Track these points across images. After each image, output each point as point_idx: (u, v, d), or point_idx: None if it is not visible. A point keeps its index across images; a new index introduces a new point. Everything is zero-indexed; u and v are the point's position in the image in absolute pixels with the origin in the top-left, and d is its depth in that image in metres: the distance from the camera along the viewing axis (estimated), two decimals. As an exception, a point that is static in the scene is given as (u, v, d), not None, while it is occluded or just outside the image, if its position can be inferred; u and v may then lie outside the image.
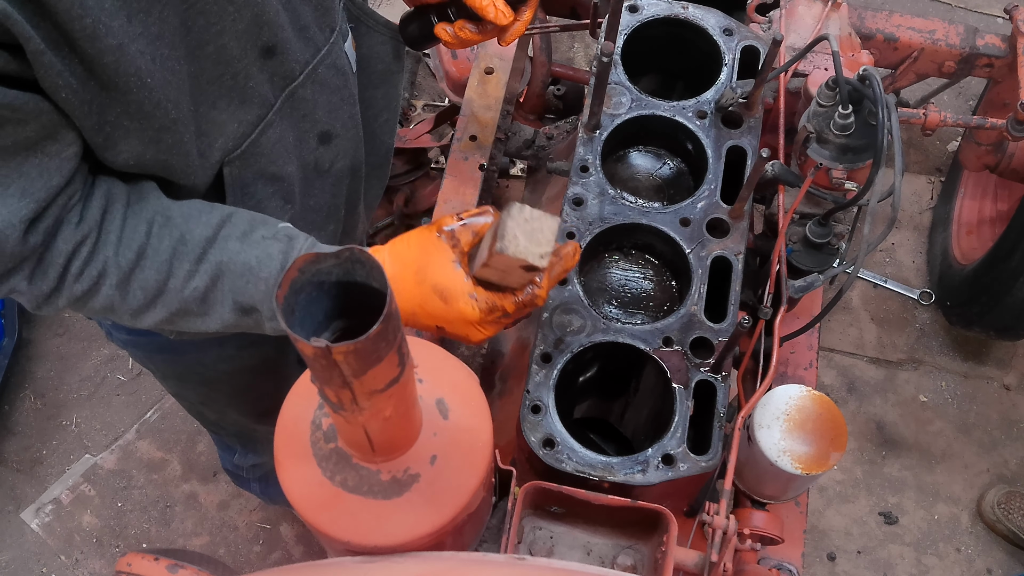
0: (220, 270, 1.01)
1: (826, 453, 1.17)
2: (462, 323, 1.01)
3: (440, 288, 1.00)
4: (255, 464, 1.99)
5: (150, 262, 1.00)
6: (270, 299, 1.02)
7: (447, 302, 1.00)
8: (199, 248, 1.01)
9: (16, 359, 2.54)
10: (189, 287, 1.01)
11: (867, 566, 2.37)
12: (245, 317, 1.04)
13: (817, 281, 1.32)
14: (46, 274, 0.97)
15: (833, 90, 1.25)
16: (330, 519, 0.91)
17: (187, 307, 1.03)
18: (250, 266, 1.01)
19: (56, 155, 0.91)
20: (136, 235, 0.99)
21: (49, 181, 0.92)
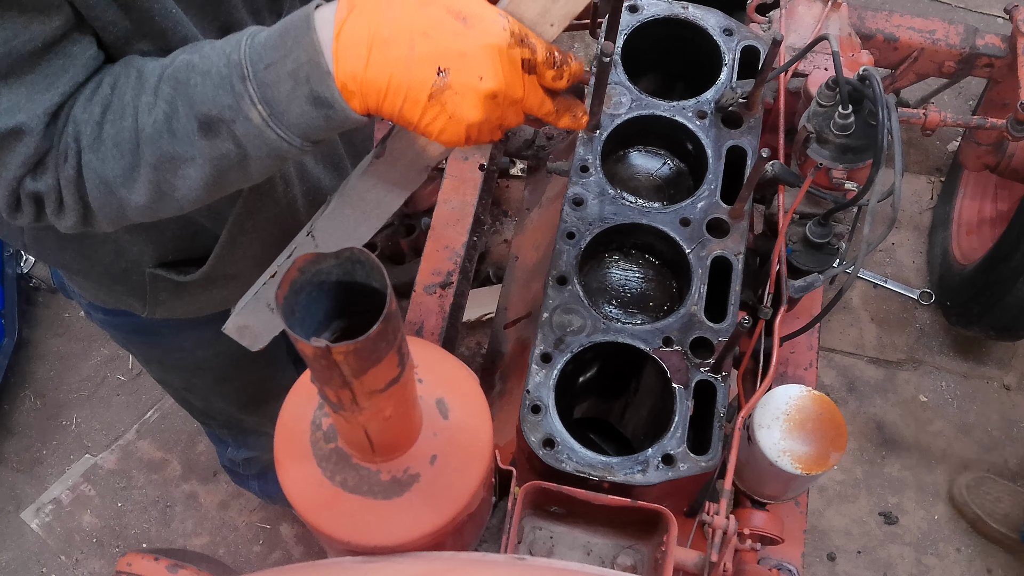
0: (173, 87, 0.87)
1: (826, 453, 1.17)
2: (483, 51, 0.79)
3: (457, 8, 0.79)
4: (248, 458, 1.98)
5: (116, 110, 0.89)
6: (224, 94, 0.84)
7: (467, 21, 0.79)
8: (155, 77, 0.88)
9: (16, 359, 2.54)
10: (150, 120, 0.88)
11: (867, 566, 2.37)
12: (216, 138, 0.87)
13: (817, 281, 1.32)
14: (46, 164, 0.91)
15: (833, 90, 1.25)
16: (330, 519, 0.91)
17: (162, 150, 0.89)
18: (193, 64, 0.86)
19: (80, 54, 0.89)
20: (101, 90, 0.90)
21: (75, 76, 0.89)
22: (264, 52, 0.83)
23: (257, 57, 0.83)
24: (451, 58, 0.79)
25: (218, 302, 1.34)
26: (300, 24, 0.82)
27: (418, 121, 0.83)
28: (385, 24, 0.79)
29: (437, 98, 0.80)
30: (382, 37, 0.79)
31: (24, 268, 2.58)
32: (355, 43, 0.80)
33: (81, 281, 1.33)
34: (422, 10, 0.79)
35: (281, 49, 0.82)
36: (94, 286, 1.33)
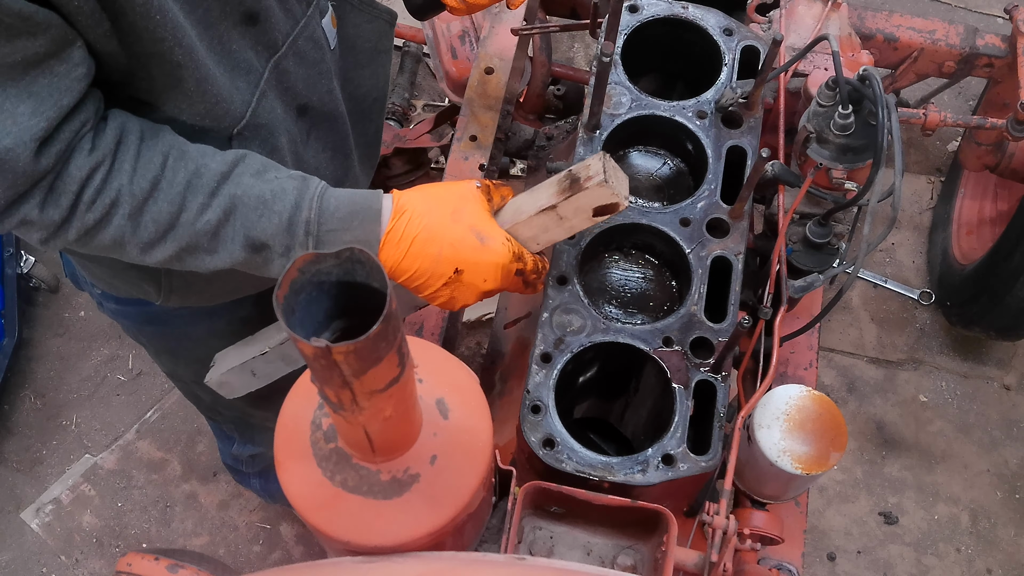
0: (233, 204, 1.01)
1: (826, 453, 1.17)
2: (489, 264, 1.07)
3: (478, 229, 1.07)
4: (254, 455, 1.98)
5: (164, 193, 1.00)
6: (282, 234, 1.03)
7: (483, 241, 1.06)
8: (213, 182, 1.01)
9: (16, 359, 2.54)
10: (201, 220, 1.01)
11: (867, 566, 2.37)
12: (255, 255, 1.05)
13: (817, 281, 1.32)
14: (58, 202, 0.97)
15: (833, 90, 1.25)
16: (330, 519, 0.91)
17: (197, 242, 1.03)
18: (264, 199, 1.02)
19: (65, 75, 0.92)
20: (151, 166, 0.99)
21: (60, 100, 0.92)
22: (331, 220, 1.04)
23: (324, 221, 1.04)
24: (467, 265, 1.07)
25: (231, 290, 1.37)
26: (370, 213, 1.06)
27: (427, 295, 1.10)
28: (425, 230, 1.06)
29: (449, 286, 1.09)
30: (421, 239, 1.06)
31: (24, 268, 2.58)
32: (399, 240, 1.06)
33: (95, 269, 1.34)
34: (453, 226, 1.06)
35: (346, 224, 1.04)
36: (109, 273, 1.34)
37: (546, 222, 1.09)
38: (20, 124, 0.89)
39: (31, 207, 0.96)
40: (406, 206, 1.07)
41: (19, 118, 0.89)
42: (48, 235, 1.00)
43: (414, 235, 1.06)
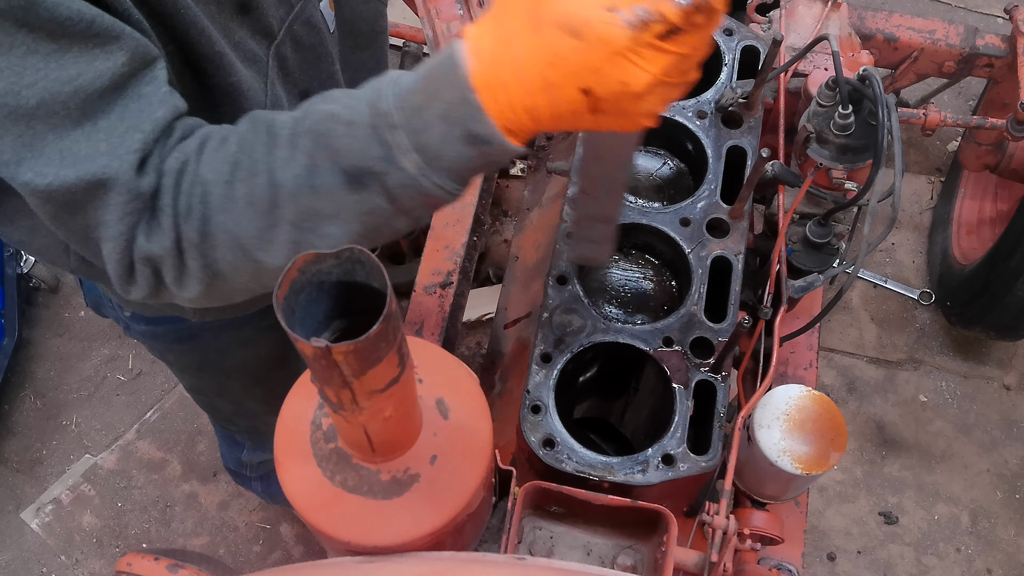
0: (312, 140, 0.82)
1: (826, 453, 1.17)
2: (610, 61, 0.71)
3: (565, 17, 0.72)
4: (262, 461, 1.99)
5: (247, 167, 0.84)
6: (371, 144, 0.80)
7: (580, 35, 0.71)
8: (287, 130, 0.84)
9: (16, 359, 2.54)
10: (289, 176, 0.83)
11: (867, 566, 2.37)
12: (365, 192, 0.82)
13: (817, 281, 1.32)
14: (160, 224, 0.85)
15: (833, 90, 1.25)
16: (330, 519, 0.91)
17: (303, 207, 0.84)
18: (335, 114, 0.82)
19: (152, 81, 0.85)
20: (228, 146, 0.86)
21: (153, 113, 0.84)
22: (410, 97, 0.79)
23: (404, 103, 0.79)
24: (586, 77, 0.73)
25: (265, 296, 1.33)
26: (444, 63, 0.78)
27: (596, 127, 0.79)
28: (510, 60, 0.75)
29: (597, 109, 0.76)
30: (509, 73, 0.75)
31: (24, 268, 2.58)
32: (493, 83, 0.76)
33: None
34: (537, 38, 0.73)
35: (427, 91, 0.78)
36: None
37: None
38: (113, 143, 0.82)
39: (141, 238, 0.86)
40: (480, 31, 0.77)
41: (113, 139, 0.82)
42: (176, 272, 0.88)
43: (501, 72, 0.75)
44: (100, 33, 0.81)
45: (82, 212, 0.85)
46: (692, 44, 0.73)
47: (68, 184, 0.82)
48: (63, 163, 0.82)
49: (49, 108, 0.80)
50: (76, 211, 0.85)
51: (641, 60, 0.72)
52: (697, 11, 0.71)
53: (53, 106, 0.80)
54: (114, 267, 0.88)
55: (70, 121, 0.81)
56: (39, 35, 0.78)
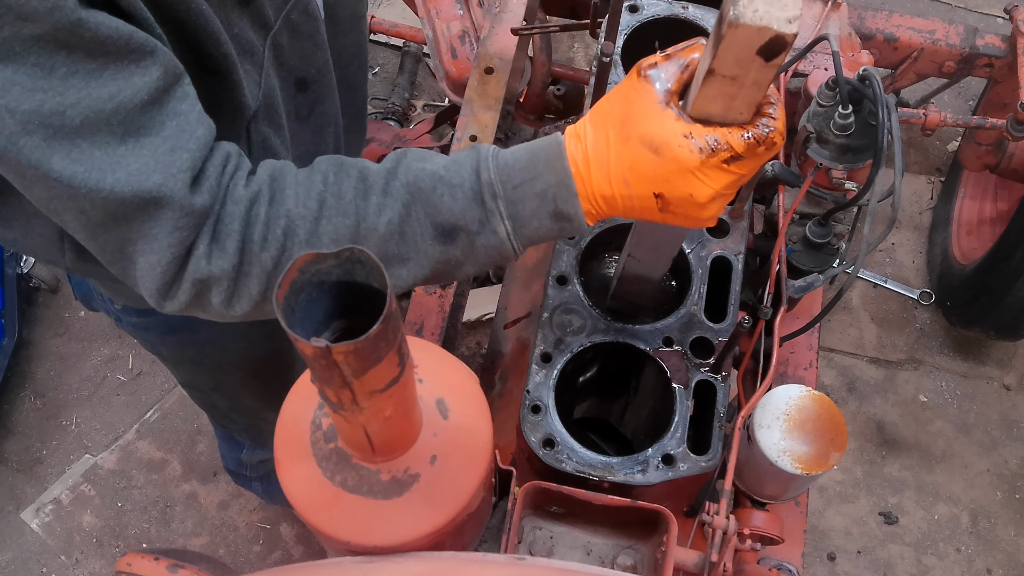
0: (410, 193, 0.91)
1: (826, 453, 1.17)
2: (681, 176, 0.85)
3: (648, 136, 0.85)
4: (262, 460, 1.98)
5: (335, 208, 0.91)
6: (470, 207, 0.91)
7: (658, 152, 0.85)
8: (382, 180, 0.93)
9: (16, 359, 2.54)
10: (382, 222, 0.91)
11: (867, 566, 2.37)
12: (449, 245, 0.93)
13: (817, 281, 1.32)
14: (224, 246, 0.90)
15: (833, 90, 1.25)
16: (330, 519, 0.91)
17: (387, 251, 0.93)
18: (439, 176, 0.92)
19: (191, 107, 0.88)
20: (313, 185, 0.92)
21: (194, 132, 0.88)
22: (514, 173, 0.91)
23: (507, 178, 0.91)
24: (660, 185, 0.87)
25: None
26: (552, 151, 0.91)
27: (663, 221, 0.93)
28: (596, 159, 0.90)
29: (665, 209, 0.90)
30: (597, 168, 0.90)
31: (24, 268, 2.58)
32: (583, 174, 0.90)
33: (117, 286, 1.32)
34: (623, 148, 0.88)
35: (531, 171, 0.91)
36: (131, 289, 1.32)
37: (723, 89, 0.81)
38: (162, 161, 0.85)
39: (199, 258, 0.90)
40: (579, 132, 0.91)
41: (160, 157, 0.85)
42: (229, 293, 0.93)
43: (592, 167, 0.90)
44: (136, 49, 0.83)
45: (127, 225, 0.88)
46: (751, 167, 0.87)
47: (124, 195, 0.85)
48: (116, 174, 0.84)
49: (93, 126, 0.82)
50: (121, 223, 0.88)
51: (706, 178, 0.86)
52: (759, 144, 0.84)
53: (97, 124, 0.82)
54: (154, 280, 0.92)
55: (114, 139, 0.84)
56: (79, 55, 0.80)
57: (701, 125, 0.84)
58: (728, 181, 0.86)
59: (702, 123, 0.84)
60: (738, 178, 0.87)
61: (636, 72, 0.87)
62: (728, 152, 0.84)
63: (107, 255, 0.94)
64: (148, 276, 0.92)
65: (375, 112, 2.79)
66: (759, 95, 0.82)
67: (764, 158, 0.86)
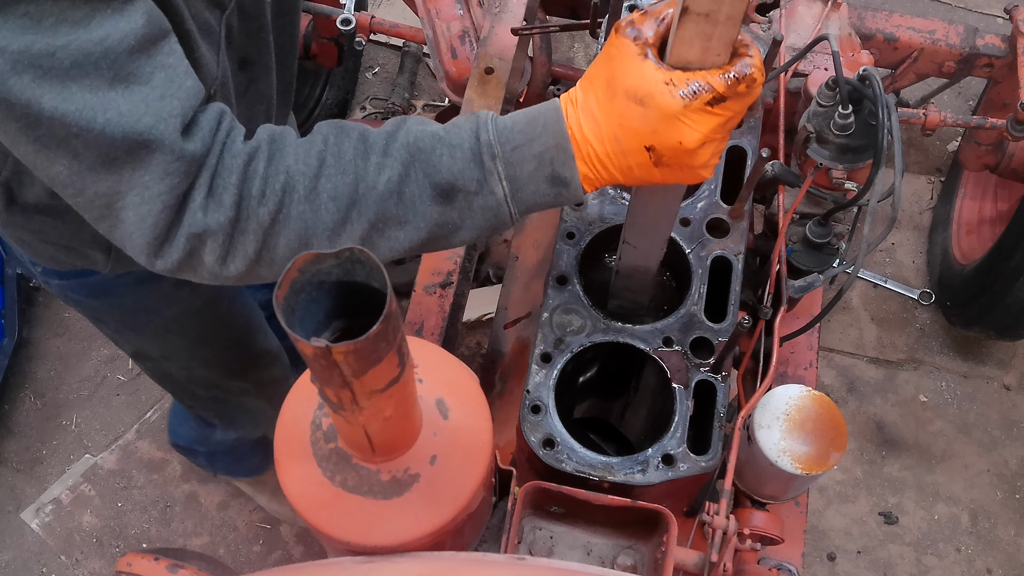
0: (410, 153, 0.93)
1: (826, 453, 1.17)
2: (667, 124, 0.87)
3: (631, 89, 0.87)
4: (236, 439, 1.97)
5: (334, 166, 0.92)
6: (469, 166, 0.92)
7: (643, 103, 0.87)
8: (382, 141, 0.94)
9: (16, 359, 2.54)
10: (381, 180, 0.92)
11: (867, 566, 2.37)
12: (447, 206, 0.94)
13: (817, 281, 1.32)
14: (221, 200, 0.90)
15: (833, 90, 1.25)
16: (330, 519, 0.91)
17: (385, 211, 0.93)
18: (439, 136, 0.93)
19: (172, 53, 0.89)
20: (314, 145, 0.93)
21: (183, 82, 0.89)
22: (512, 135, 0.93)
23: (505, 139, 0.92)
24: (648, 137, 0.88)
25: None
26: (551, 115, 0.93)
27: (663, 180, 0.93)
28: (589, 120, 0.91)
29: (660, 163, 0.91)
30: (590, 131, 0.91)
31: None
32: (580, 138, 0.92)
33: (38, 244, 1.31)
34: (610, 105, 0.89)
35: (530, 133, 0.92)
36: (53, 247, 1.31)
37: (699, 29, 0.83)
38: (152, 105, 0.86)
39: (195, 211, 0.90)
40: (572, 96, 0.93)
41: (150, 102, 0.86)
42: (224, 250, 0.92)
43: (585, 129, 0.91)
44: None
45: (117, 173, 0.88)
46: (735, 109, 0.88)
47: (115, 135, 0.85)
48: (108, 114, 0.85)
49: (83, 68, 0.83)
50: (112, 169, 0.88)
51: (692, 122, 0.87)
52: (739, 82, 0.86)
53: (86, 66, 0.83)
54: (144, 235, 0.91)
55: (104, 82, 0.84)
56: (65, 3, 0.81)
57: (681, 72, 0.86)
58: (715, 124, 0.88)
59: (681, 70, 0.86)
60: (724, 120, 0.88)
61: (615, 30, 0.89)
62: (710, 93, 0.86)
63: (95, 210, 0.93)
64: (138, 230, 0.91)
65: (375, 112, 2.79)
66: (734, 31, 0.84)
67: (747, 98, 0.88)
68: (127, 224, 0.91)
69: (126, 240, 0.93)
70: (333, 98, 2.74)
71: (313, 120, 2.67)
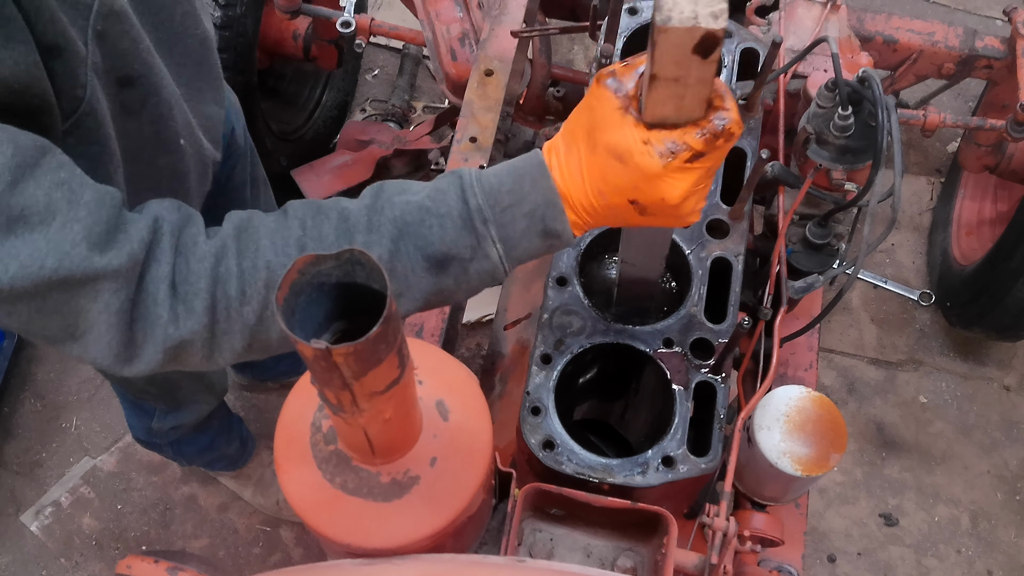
0: (397, 228, 0.90)
1: (826, 454, 1.17)
2: (648, 182, 0.86)
3: (611, 145, 0.86)
4: (173, 427, 1.95)
5: (318, 251, 0.85)
6: (461, 235, 0.90)
7: (623, 160, 0.86)
8: (364, 218, 0.90)
9: (16, 361, 2.54)
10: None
11: (867, 568, 2.37)
12: (443, 276, 0.92)
13: (817, 282, 1.32)
14: (192, 308, 0.87)
15: (833, 92, 1.25)
16: (330, 521, 0.91)
17: None
18: (425, 207, 0.90)
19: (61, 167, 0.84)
20: (291, 232, 0.89)
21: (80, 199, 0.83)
22: (501, 196, 0.91)
23: (494, 201, 0.91)
24: (631, 193, 0.88)
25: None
26: (536, 171, 0.92)
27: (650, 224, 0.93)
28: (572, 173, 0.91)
29: (646, 214, 0.90)
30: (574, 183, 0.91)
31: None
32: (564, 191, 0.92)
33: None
34: (592, 158, 0.89)
35: (518, 193, 0.91)
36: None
37: (670, 91, 0.82)
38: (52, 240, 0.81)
39: (165, 325, 0.87)
40: (554, 146, 0.93)
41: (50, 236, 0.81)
42: (207, 350, 0.90)
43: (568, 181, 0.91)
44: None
45: (56, 312, 0.85)
46: (715, 159, 0.87)
47: (27, 285, 0.81)
48: (11, 268, 0.80)
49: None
50: (47, 311, 0.84)
51: (673, 180, 0.86)
52: (717, 138, 0.85)
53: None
54: (107, 354, 0.88)
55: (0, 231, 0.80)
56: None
57: (658, 130, 0.85)
58: (695, 178, 0.87)
59: (659, 127, 0.85)
60: (705, 172, 0.88)
61: (596, 80, 0.88)
62: (688, 152, 0.85)
63: (62, 346, 0.90)
64: (100, 353, 0.89)
65: (375, 114, 2.79)
66: (706, 91, 0.83)
67: (725, 149, 0.87)
68: (91, 349, 0.89)
69: (96, 363, 0.91)
70: (333, 100, 2.74)
71: (313, 122, 2.67)
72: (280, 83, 2.63)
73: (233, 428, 2.13)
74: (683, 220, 0.92)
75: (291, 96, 2.66)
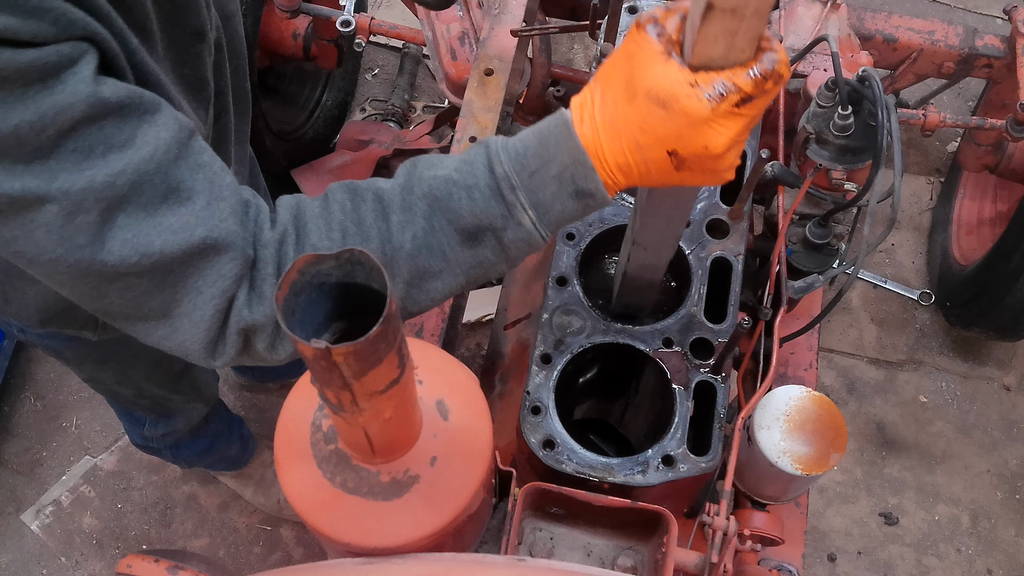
0: (428, 204, 0.90)
1: (826, 454, 1.17)
2: (693, 128, 0.82)
3: (654, 90, 0.82)
4: (166, 433, 1.97)
5: (357, 234, 0.91)
6: (491, 204, 0.89)
7: (666, 106, 0.81)
8: (399, 197, 0.91)
9: (16, 360, 2.54)
10: (407, 238, 0.90)
11: (867, 567, 2.37)
12: (478, 247, 0.91)
13: (817, 282, 1.32)
14: (262, 293, 0.89)
15: (832, 91, 1.25)
16: (330, 520, 0.91)
17: (416, 266, 0.91)
18: (452, 180, 0.90)
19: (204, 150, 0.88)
20: (332, 216, 0.91)
21: (224, 179, 0.87)
22: (527, 161, 0.89)
23: (521, 167, 0.89)
24: (672, 141, 0.84)
25: None
26: (560, 131, 0.89)
27: (682, 183, 0.90)
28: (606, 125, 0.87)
29: (682, 167, 0.86)
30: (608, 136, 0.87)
31: (24, 270, 2.58)
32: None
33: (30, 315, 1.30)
34: (630, 107, 0.84)
35: (544, 156, 0.89)
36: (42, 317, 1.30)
37: (725, 25, 0.77)
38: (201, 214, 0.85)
39: (240, 308, 0.89)
40: (585, 100, 0.89)
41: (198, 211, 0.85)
42: (272, 338, 0.91)
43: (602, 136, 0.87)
44: (147, 107, 0.83)
45: (171, 286, 0.87)
46: (761, 107, 0.83)
47: (176, 252, 0.84)
48: (163, 235, 0.83)
49: (139, 189, 0.82)
50: (165, 285, 0.86)
51: (720, 126, 0.82)
52: (767, 79, 0.81)
53: (143, 186, 0.82)
54: (200, 337, 0.90)
55: (158, 198, 0.83)
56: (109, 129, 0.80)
57: (705, 72, 0.80)
58: (742, 125, 0.83)
59: (705, 70, 0.81)
60: (749, 120, 0.84)
61: (636, 26, 0.84)
62: (738, 94, 0.81)
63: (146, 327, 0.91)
64: (192, 336, 0.90)
65: (375, 114, 2.79)
66: (761, 26, 0.78)
67: (773, 93, 0.83)
68: (180, 332, 0.90)
69: (180, 347, 0.92)
70: (333, 99, 2.74)
71: (313, 121, 2.67)
72: (280, 82, 2.63)
73: (233, 430, 2.14)
74: (721, 175, 0.88)
75: (291, 95, 2.66)
